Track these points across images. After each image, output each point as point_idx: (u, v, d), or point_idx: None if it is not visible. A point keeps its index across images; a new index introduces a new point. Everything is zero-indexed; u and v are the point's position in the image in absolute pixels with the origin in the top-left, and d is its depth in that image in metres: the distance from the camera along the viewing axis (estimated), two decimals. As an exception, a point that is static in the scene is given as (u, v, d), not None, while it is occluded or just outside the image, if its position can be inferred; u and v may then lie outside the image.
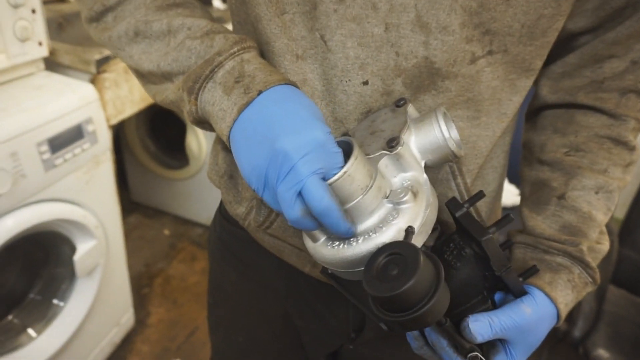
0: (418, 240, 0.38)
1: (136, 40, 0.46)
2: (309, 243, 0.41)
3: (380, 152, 0.39)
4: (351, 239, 0.38)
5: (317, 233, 0.39)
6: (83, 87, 1.10)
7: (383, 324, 0.39)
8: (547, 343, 1.74)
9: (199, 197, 2.00)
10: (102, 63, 1.16)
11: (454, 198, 0.42)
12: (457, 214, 0.40)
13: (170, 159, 2.00)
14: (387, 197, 0.38)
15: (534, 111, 0.56)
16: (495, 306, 0.44)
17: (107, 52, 1.16)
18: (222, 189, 0.59)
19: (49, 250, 1.19)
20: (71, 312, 1.21)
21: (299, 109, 0.38)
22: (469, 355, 0.41)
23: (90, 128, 1.11)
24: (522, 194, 0.55)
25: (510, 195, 1.59)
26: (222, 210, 0.67)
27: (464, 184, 0.49)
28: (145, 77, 0.48)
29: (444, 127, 0.39)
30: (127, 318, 1.49)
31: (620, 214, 1.66)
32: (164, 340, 1.57)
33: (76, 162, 1.09)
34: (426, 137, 0.40)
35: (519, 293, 0.43)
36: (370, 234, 0.37)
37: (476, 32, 0.41)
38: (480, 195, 0.42)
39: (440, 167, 0.48)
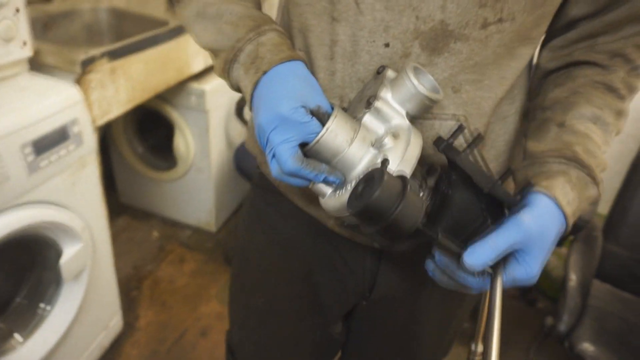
0: (405, 173, 0.44)
1: (197, 20, 0.55)
2: (320, 200, 0.49)
3: (363, 112, 0.47)
4: (347, 186, 0.45)
5: (321, 187, 0.47)
6: (68, 88, 1.09)
7: (375, 240, 0.45)
8: (535, 339, 1.76)
9: (188, 199, 1.99)
10: (87, 63, 1.15)
11: (439, 137, 0.48)
12: (440, 146, 0.47)
13: (159, 160, 1.99)
14: (373, 146, 0.46)
15: (537, 83, 0.61)
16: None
17: (92, 52, 1.15)
18: (257, 154, 0.68)
19: (35, 253, 1.18)
20: (58, 316, 1.19)
21: (281, 88, 0.46)
22: (477, 272, 0.45)
23: (75, 129, 1.10)
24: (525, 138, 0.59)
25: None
26: (255, 180, 0.74)
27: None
28: (205, 47, 0.57)
29: (413, 78, 0.45)
30: (115, 321, 1.47)
31: (604, 209, 1.68)
32: (153, 343, 1.55)
33: (61, 164, 1.07)
34: (400, 90, 0.46)
35: (516, 206, 0.45)
36: (360, 177, 0.43)
37: (490, 1, 0.46)
38: (479, 137, 0.46)
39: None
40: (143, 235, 2.01)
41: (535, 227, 0.44)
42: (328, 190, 0.47)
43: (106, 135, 1.95)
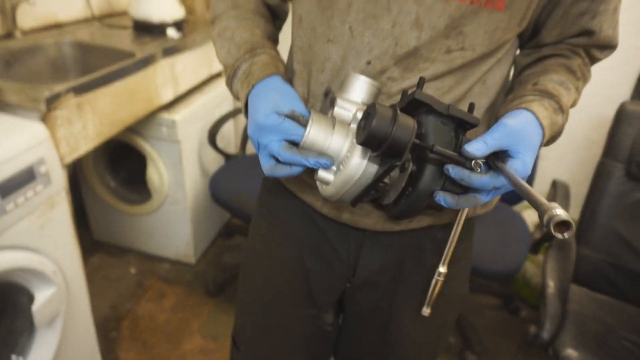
0: None
1: (218, 39, 0.71)
2: (321, 190, 0.60)
3: (331, 111, 0.59)
4: (341, 166, 0.56)
5: (323, 176, 0.57)
6: (33, 127, 1.06)
7: (384, 167, 0.54)
8: (520, 348, 1.77)
9: (164, 231, 1.95)
10: (52, 100, 1.12)
11: (404, 91, 0.57)
12: (405, 96, 0.56)
13: (132, 193, 1.95)
14: (350, 124, 0.57)
15: (515, 74, 0.73)
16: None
17: (57, 89, 1.13)
18: None
19: (5, 301, 1.13)
20: (32, 365, 1.14)
21: (260, 100, 0.59)
22: (473, 162, 0.53)
23: (42, 169, 1.07)
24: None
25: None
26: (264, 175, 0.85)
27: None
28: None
29: (356, 74, 0.58)
30: (93, 365, 1.41)
31: (575, 215, 1.73)
32: (135, 384, 1.50)
33: (29, 206, 1.04)
34: (350, 86, 0.58)
35: (477, 123, 0.55)
36: (348, 154, 0.55)
37: (453, 32, 0.58)
38: (421, 80, 0.55)
39: None
40: (120, 272, 1.95)
41: (517, 127, 0.54)
42: (329, 176, 0.57)
43: (76, 170, 1.91)
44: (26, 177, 1.02)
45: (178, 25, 1.69)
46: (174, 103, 1.73)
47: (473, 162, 0.52)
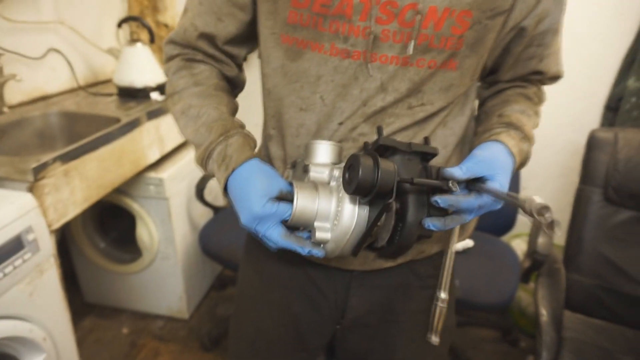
0: None
1: (181, 117, 0.71)
2: (324, 251, 0.62)
3: (307, 176, 0.63)
4: (335, 221, 0.59)
5: (321, 236, 0.59)
6: (21, 197, 1.09)
7: (374, 208, 0.58)
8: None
9: (156, 288, 1.94)
10: (39, 170, 1.16)
11: (365, 143, 0.65)
12: (367, 146, 0.63)
13: (122, 252, 1.96)
14: (329, 182, 0.62)
15: (479, 104, 0.82)
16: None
17: (44, 159, 1.17)
18: None
19: (-6, 373, 1.12)
20: None
21: (248, 187, 0.61)
22: (450, 182, 0.57)
23: (30, 237, 1.09)
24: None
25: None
26: None
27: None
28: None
29: (317, 140, 0.64)
30: None
31: (561, 240, 1.75)
32: None
33: (17, 275, 1.05)
34: (315, 152, 0.63)
35: (437, 153, 0.61)
36: (339, 208, 0.59)
37: (414, 92, 0.64)
38: (379, 128, 0.61)
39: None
40: (112, 334, 1.92)
41: (490, 156, 0.61)
42: (327, 235, 0.60)
43: (65, 234, 1.92)
44: (14, 246, 1.04)
45: (161, 88, 1.77)
46: (161, 161, 1.77)
47: (450, 182, 0.57)
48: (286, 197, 0.60)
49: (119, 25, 1.83)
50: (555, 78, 0.77)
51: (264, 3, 0.65)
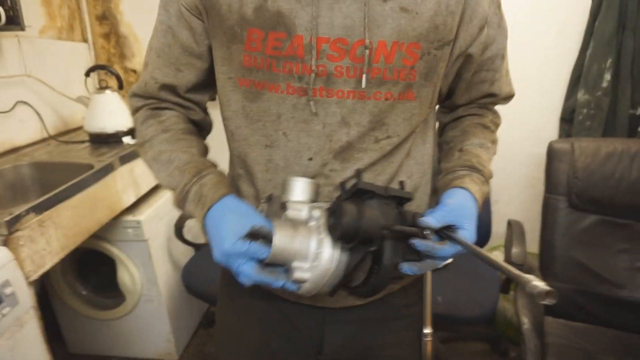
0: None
1: (153, 163, 0.72)
2: (297, 289, 0.61)
3: (284, 214, 0.63)
4: (315, 262, 0.59)
5: (300, 276, 0.59)
6: (-4, 252, 1.09)
7: (354, 252, 0.60)
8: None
9: (143, 332, 1.92)
10: (13, 223, 1.16)
11: (342, 183, 0.68)
12: (344, 189, 0.66)
13: (105, 298, 1.93)
14: (308, 222, 0.61)
15: (439, 130, 0.88)
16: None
17: (17, 211, 1.17)
18: None
19: None
20: None
21: (221, 225, 0.62)
22: (425, 232, 0.61)
23: (8, 291, 1.08)
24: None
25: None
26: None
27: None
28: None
29: (292, 178, 0.64)
30: None
31: (534, 249, 1.80)
32: None
33: (-4, 331, 1.04)
34: (291, 189, 0.64)
35: (411, 198, 0.66)
36: (318, 250, 0.59)
37: (377, 124, 0.66)
38: (358, 172, 0.67)
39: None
40: (98, 384, 1.88)
41: (458, 205, 0.65)
42: (305, 274, 0.60)
43: (45, 283, 1.89)
44: (-9, 303, 1.04)
45: (133, 132, 1.79)
46: (137, 203, 1.78)
47: (425, 230, 0.61)
48: (260, 232, 0.60)
49: (87, 74, 1.86)
50: (508, 98, 0.81)
51: (219, 49, 0.67)
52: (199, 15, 0.68)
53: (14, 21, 1.59)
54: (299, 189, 0.64)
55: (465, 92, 0.78)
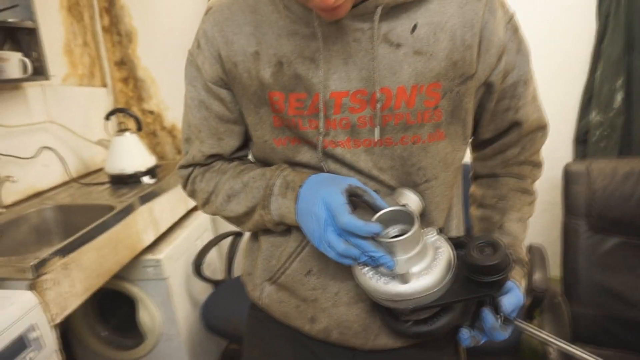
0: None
1: (230, 200, 0.73)
2: (362, 277, 0.60)
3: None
4: (422, 274, 0.57)
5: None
6: (22, 296, 1.11)
7: (463, 287, 0.59)
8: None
9: (162, 371, 1.90)
10: (39, 267, 1.18)
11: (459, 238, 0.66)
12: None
13: (125, 338, 1.93)
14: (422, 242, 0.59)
15: (474, 178, 0.88)
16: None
17: (42, 255, 1.20)
18: (246, 283, 0.84)
19: None
20: None
21: (319, 186, 0.62)
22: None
23: (33, 335, 1.09)
24: (473, 227, 0.84)
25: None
26: (250, 304, 0.87)
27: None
28: (240, 220, 0.75)
29: (409, 192, 0.66)
30: None
31: (556, 272, 1.77)
32: None
33: (22, 376, 1.05)
34: (405, 200, 0.65)
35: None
36: (431, 266, 0.58)
37: (412, 169, 0.67)
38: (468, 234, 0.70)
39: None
40: None
41: (517, 296, 0.64)
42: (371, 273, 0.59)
43: (65, 326, 1.90)
44: (18, 347, 1.05)
45: (151, 172, 1.83)
46: (156, 242, 1.80)
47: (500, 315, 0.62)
48: (362, 196, 0.60)
49: (107, 117, 1.93)
50: (540, 129, 0.78)
51: (249, 116, 0.71)
52: (224, 85, 0.70)
53: (40, 71, 1.67)
54: (413, 204, 0.64)
55: (491, 122, 0.75)
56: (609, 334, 1.54)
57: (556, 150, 1.96)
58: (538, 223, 2.08)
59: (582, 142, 1.89)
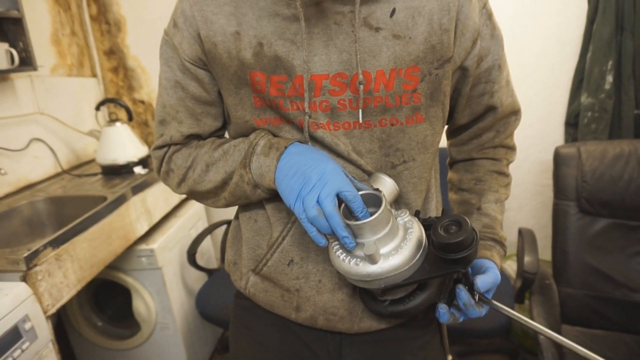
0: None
1: (209, 169, 0.72)
2: (334, 257, 0.62)
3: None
4: (391, 253, 0.59)
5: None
6: (15, 287, 1.11)
7: (432, 265, 0.60)
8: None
9: (159, 359, 1.92)
10: (31, 258, 1.19)
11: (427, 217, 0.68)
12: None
13: (121, 328, 1.94)
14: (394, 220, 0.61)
15: (450, 164, 0.91)
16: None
17: (35, 247, 1.20)
18: (231, 273, 0.85)
19: None
20: None
21: (313, 153, 0.63)
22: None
23: (27, 326, 1.10)
24: (451, 209, 0.87)
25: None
26: (235, 292, 0.89)
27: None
28: (216, 192, 0.74)
29: (384, 177, 0.67)
30: None
31: (547, 256, 1.79)
32: None
33: (17, 366, 1.06)
34: (381, 186, 0.66)
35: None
36: (400, 246, 0.59)
37: (390, 150, 0.68)
38: (416, 213, 0.70)
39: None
40: (118, 414, 1.88)
41: (495, 275, 0.68)
42: (339, 251, 0.61)
43: (61, 316, 1.91)
44: (12, 338, 1.05)
45: (143, 162, 1.83)
46: (150, 232, 1.80)
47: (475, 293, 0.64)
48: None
49: (97, 108, 1.92)
50: (514, 113, 0.80)
51: (229, 97, 0.70)
52: (203, 66, 0.69)
53: (27, 62, 1.65)
54: (387, 188, 0.65)
55: (466, 107, 0.76)
56: (597, 314, 1.57)
57: (548, 134, 1.97)
58: (530, 206, 2.10)
59: (573, 125, 1.90)
